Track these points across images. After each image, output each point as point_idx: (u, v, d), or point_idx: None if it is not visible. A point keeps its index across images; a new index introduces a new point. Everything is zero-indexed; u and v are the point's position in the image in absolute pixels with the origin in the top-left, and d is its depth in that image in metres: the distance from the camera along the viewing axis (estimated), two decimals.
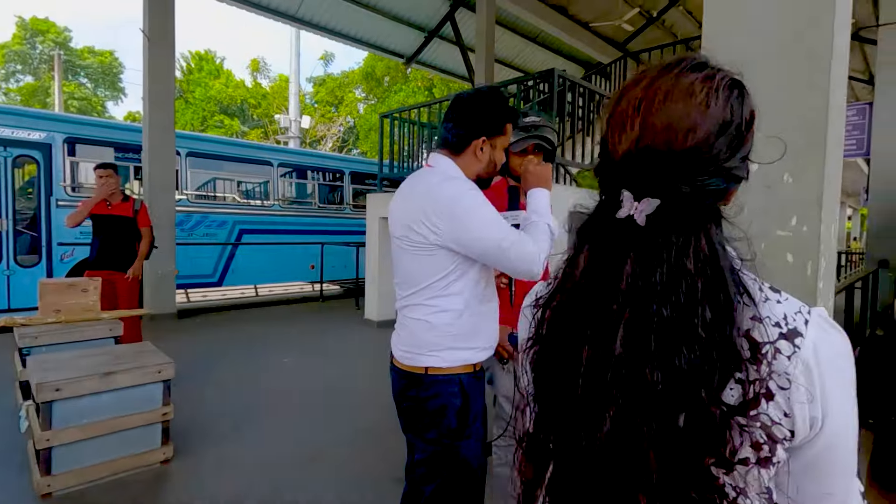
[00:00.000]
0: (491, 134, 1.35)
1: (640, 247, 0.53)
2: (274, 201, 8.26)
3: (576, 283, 0.57)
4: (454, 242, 1.23)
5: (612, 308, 0.52)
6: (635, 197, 0.54)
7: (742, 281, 0.52)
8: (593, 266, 0.56)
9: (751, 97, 0.55)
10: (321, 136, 25.53)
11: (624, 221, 0.54)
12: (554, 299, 0.59)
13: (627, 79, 0.61)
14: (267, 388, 3.82)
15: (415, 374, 1.31)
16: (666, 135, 0.53)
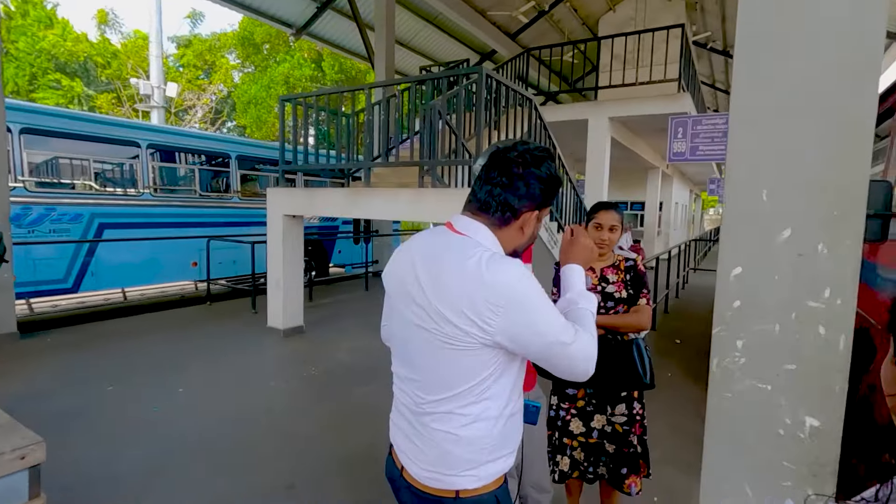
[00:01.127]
0: (542, 206, 1.11)
1: None
2: (144, 189, 7.02)
3: None
4: (508, 339, 0.99)
5: None
6: None
7: None
8: None
9: None
10: (190, 106, 22.59)
11: None
12: None
13: None
14: (164, 432, 3.19)
15: (443, 500, 1.06)
16: None
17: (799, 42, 1.22)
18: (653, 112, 7.40)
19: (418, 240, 1.14)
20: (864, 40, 1.16)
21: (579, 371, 1.03)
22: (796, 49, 1.22)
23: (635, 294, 2.08)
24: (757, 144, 1.28)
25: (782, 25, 1.24)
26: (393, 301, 1.16)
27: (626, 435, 2.09)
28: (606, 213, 2.12)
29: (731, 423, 1.34)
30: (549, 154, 1.11)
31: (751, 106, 1.29)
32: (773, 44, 1.25)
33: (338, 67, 21.50)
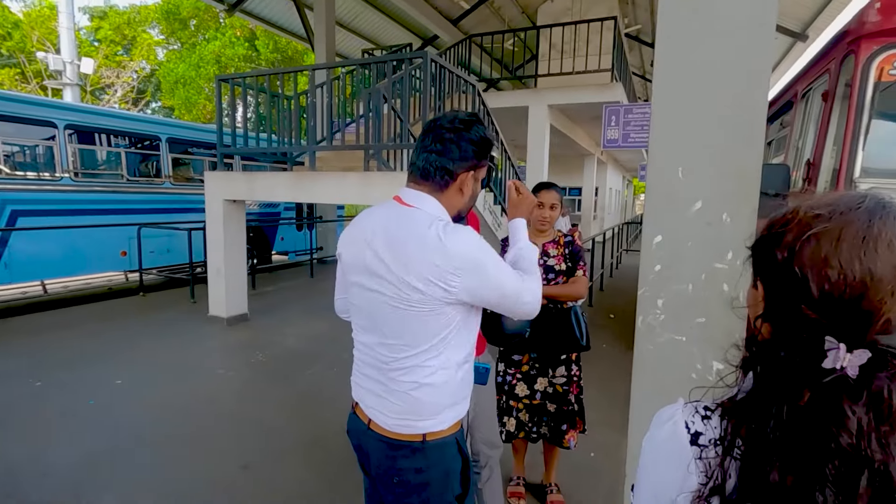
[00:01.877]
0: (477, 166, 1.22)
1: (855, 403, 0.52)
2: (63, 174, 6.49)
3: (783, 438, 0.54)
4: (469, 296, 1.12)
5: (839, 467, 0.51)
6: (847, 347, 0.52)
7: None
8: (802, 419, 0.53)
9: None
10: (108, 84, 20.84)
11: (829, 371, 0.53)
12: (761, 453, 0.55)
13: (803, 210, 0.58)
14: (102, 425, 3.08)
15: (410, 444, 1.16)
16: (879, 284, 0.51)
17: (707, 38, 1.41)
18: (588, 100, 7.76)
19: (371, 215, 1.23)
20: (757, 40, 1.36)
21: (530, 310, 1.20)
22: (705, 44, 1.41)
23: (573, 266, 2.28)
24: (674, 128, 1.46)
25: (694, 22, 1.42)
26: (350, 275, 1.24)
27: (565, 394, 2.30)
28: (547, 192, 2.29)
29: (654, 371, 1.54)
30: (477, 118, 1.23)
31: (668, 93, 1.47)
32: (686, 39, 1.43)
33: (272, 47, 20.60)
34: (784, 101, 4.02)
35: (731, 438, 0.58)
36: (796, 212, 0.59)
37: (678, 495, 0.61)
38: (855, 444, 0.50)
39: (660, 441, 0.65)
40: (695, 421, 0.62)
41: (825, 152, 2.70)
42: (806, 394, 0.54)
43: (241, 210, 5.49)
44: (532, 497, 2.47)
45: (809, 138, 3.03)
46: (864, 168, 2.43)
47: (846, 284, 0.52)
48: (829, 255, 0.53)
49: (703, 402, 0.65)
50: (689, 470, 0.60)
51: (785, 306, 0.57)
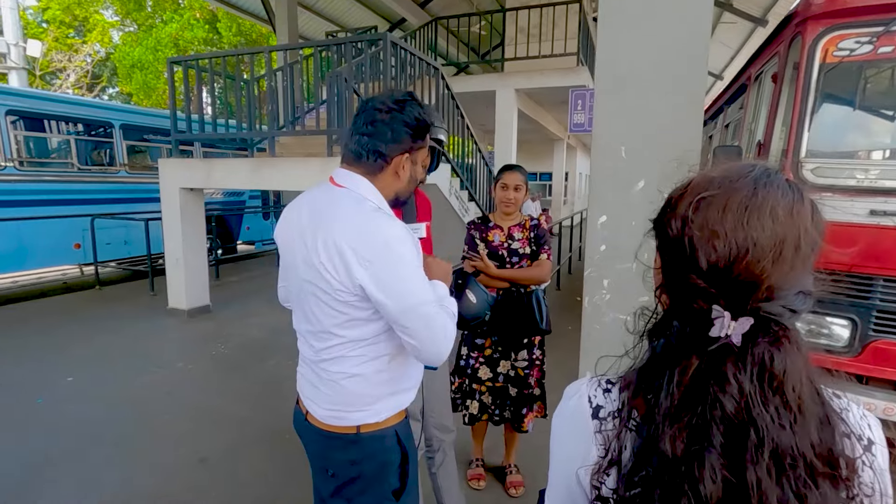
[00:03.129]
0: (413, 149, 1.17)
1: (738, 369, 0.51)
2: (6, 163, 6.14)
3: (673, 406, 0.53)
4: (370, 294, 1.02)
5: (725, 433, 0.51)
6: (732, 315, 0.52)
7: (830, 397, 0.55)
8: (691, 388, 0.53)
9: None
10: (60, 69, 19.77)
11: (715, 339, 0.52)
12: (649, 423, 0.55)
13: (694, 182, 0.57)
14: (51, 423, 2.95)
15: (345, 436, 1.13)
16: (761, 252, 0.51)
17: (647, 20, 1.40)
18: (555, 84, 7.77)
19: (305, 196, 1.17)
20: (695, 23, 1.36)
21: (433, 347, 1.05)
22: (645, 26, 1.40)
23: (537, 250, 2.27)
24: (616, 108, 1.46)
25: (635, 4, 1.41)
26: (286, 260, 1.19)
27: (526, 378, 2.31)
28: (511, 174, 2.27)
29: (600, 351, 1.56)
30: (413, 98, 1.16)
31: (610, 74, 1.46)
32: (627, 21, 1.42)
33: (235, 30, 19.86)
34: (740, 83, 4.09)
35: (627, 410, 0.58)
36: (692, 180, 0.59)
37: (580, 469, 0.60)
38: (738, 410, 0.50)
39: (566, 415, 0.65)
40: (597, 394, 0.63)
41: (774, 133, 2.76)
42: (694, 362, 0.53)
43: (199, 198, 5.30)
44: (492, 478, 2.49)
45: (761, 120, 3.10)
46: (809, 149, 2.49)
47: (730, 253, 0.52)
48: (716, 224, 0.53)
49: (608, 375, 0.65)
50: (590, 444, 0.60)
51: (678, 276, 0.57)
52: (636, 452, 0.56)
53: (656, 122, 1.41)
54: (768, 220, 0.52)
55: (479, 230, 2.32)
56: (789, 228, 0.52)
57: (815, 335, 2.51)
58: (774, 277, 0.51)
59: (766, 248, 0.51)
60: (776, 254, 0.51)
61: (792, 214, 0.52)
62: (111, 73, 22.19)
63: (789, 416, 0.50)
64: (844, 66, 2.43)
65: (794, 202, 0.53)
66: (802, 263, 0.53)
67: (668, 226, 0.58)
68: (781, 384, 0.51)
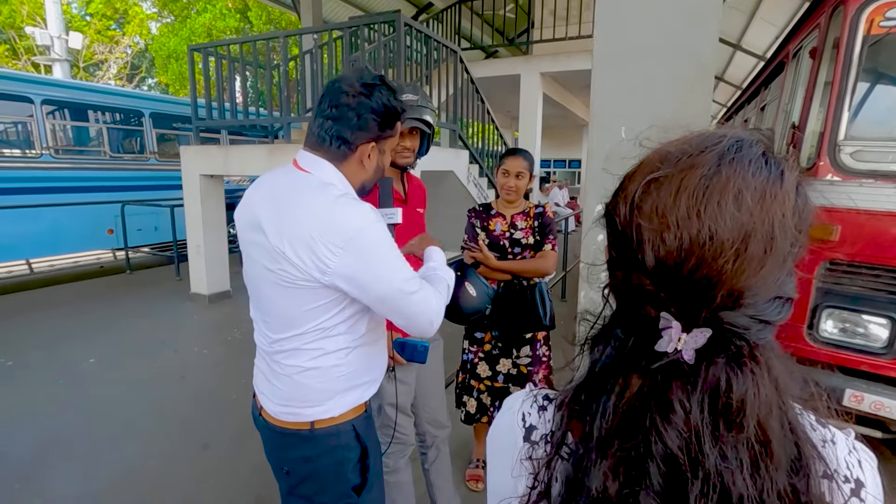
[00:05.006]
0: (381, 137, 1.08)
1: (686, 394, 0.41)
2: (42, 150, 6.37)
3: (607, 435, 0.43)
4: (346, 281, 0.97)
5: (666, 473, 0.40)
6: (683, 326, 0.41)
7: (805, 429, 0.43)
8: (629, 414, 0.43)
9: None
10: (101, 61, 20.48)
11: (662, 355, 0.42)
12: (582, 453, 0.45)
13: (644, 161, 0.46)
14: (66, 404, 3.04)
15: (298, 433, 1.07)
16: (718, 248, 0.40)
17: None
18: (582, 67, 7.47)
19: (264, 179, 1.10)
20: None
21: (421, 323, 1.04)
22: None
23: (541, 240, 2.14)
24: (617, 83, 1.32)
25: None
26: (242, 245, 1.13)
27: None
28: (513, 160, 2.13)
29: None
30: (382, 82, 1.07)
31: (610, 49, 1.32)
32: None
33: (266, 18, 20.08)
34: (778, 61, 3.80)
35: (560, 433, 0.48)
36: (648, 155, 0.47)
37: (511, 499, 0.50)
38: (684, 446, 0.40)
39: (498, 433, 0.55)
40: (531, 412, 0.52)
41: (811, 114, 2.52)
42: (636, 381, 0.43)
43: (219, 185, 5.36)
44: None
45: (797, 100, 2.85)
46: (849, 130, 2.26)
47: (681, 248, 0.40)
48: (667, 209, 0.41)
49: (547, 390, 0.55)
50: (519, 471, 0.50)
51: (623, 274, 0.45)
52: (566, 487, 0.46)
53: (660, 98, 1.27)
54: (731, 207, 0.40)
55: (479, 218, 2.21)
56: (759, 217, 0.40)
57: (850, 334, 2.30)
58: (737, 280, 0.40)
59: (725, 243, 0.39)
60: (740, 250, 0.39)
61: (764, 199, 0.40)
62: (150, 64, 22.86)
63: (748, 457, 0.39)
64: (891, 38, 2.18)
65: (768, 183, 0.41)
66: (778, 263, 0.41)
67: (615, 212, 0.47)
68: (741, 415, 0.40)
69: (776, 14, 10.22)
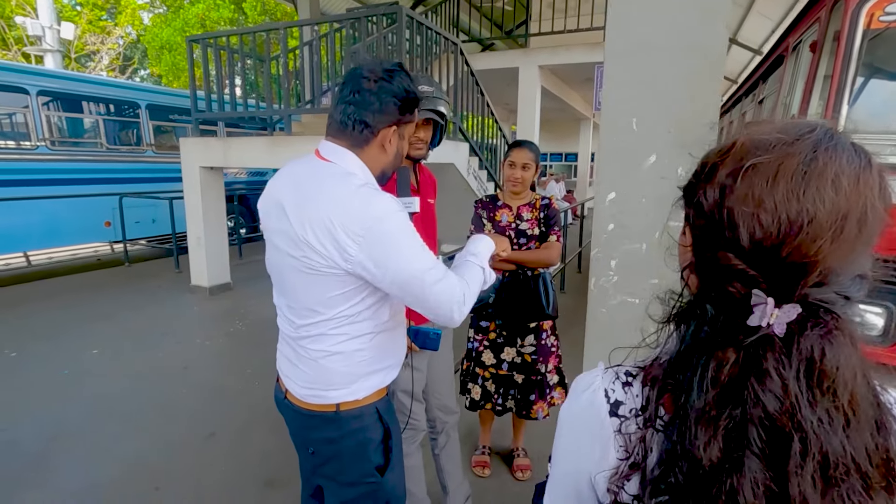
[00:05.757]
0: (401, 122, 1.11)
1: (781, 364, 0.44)
2: (38, 142, 6.32)
3: (707, 406, 0.46)
4: (367, 269, 0.99)
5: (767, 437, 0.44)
6: (775, 301, 0.45)
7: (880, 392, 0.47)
8: (728, 384, 0.46)
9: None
10: (93, 51, 20.23)
11: (754, 329, 0.45)
12: (680, 424, 0.48)
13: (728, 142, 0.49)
14: (72, 395, 3.06)
15: (323, 415, 1.10)
16: (818, 229, 0.43)
17: None
18: (580, 60, 7.48)
19: (287, 169, 1.13)
20: None
21: (444, 312, 1.03)
22: None
23: (547, 231, 2.18)
24: (627, 77, 1.35)
25: None
26: (266, 233, 1.15)
27: (533, 364, 2.23)
28: (519, 151, 2.16)
29: (606, 335, 1.48)
30: (402, 69, 1.10)
31: (623, 41, 1.34)
32: None
33: (261, 9, 19.88)
34: (777, 55, 3.83)
35: (653, 408, 0.51)
36: (735, 141, 0.50)
37: (597, 473, 0.53)
38: (782, 411, 0.43)
39: (577, 412, 0.57)
40: (615, 388, 0.54)
41: (811, 108, 2.56)
42: (731, 355, 0.46)
43: (218, 177, 5.35)
44: (500, 462, 2.46)
45: (797, 94, 2.89)
46: (848, 123, 2.31)
47: (780, 229, 0.44)
48: (763, 193, 0.44)
49: (626, 366, 0.57)
50: (607, 445, 0.53)
51: (712, 255, 0.48)
52: (664, 457, 0.49)
53: (670, 92, 1.30)
54: (829, 191, 0.43)
55: (486, 209, 2.24)
56: (854, 201, 0.43)
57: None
58: (831, 259, 0.43)
59: (824, 225, 0.43)
60: (836, 231, 0.43)
61: (858, 183, 0.44)
62: (142, 56, 22.60)
63: (841, 420, 0.43)
64: (891, 33, 2.22)
65: (860, 170, 0.44)
66: (865, 243, 0.45)
67: (701, 196, 0.50)
68: (833, 383, 0.44)
69: (773, 8, 10.26)
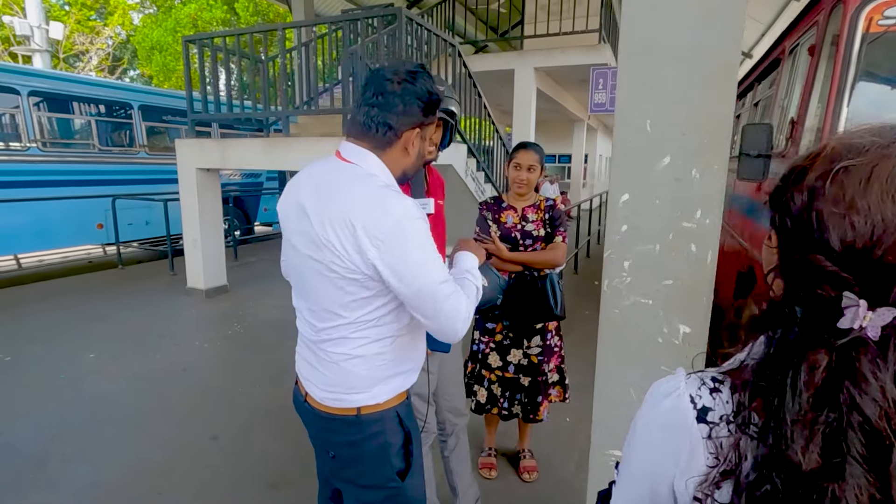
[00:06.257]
0: (424, 124, 1.10)
1: (878, 367, 0.44)
2: (30, 143, 6.23)
3: (803, 410, 0.46)
4: (381, 274, 0.99)
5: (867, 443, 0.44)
6: (869, 304, 0.44)
7: None
8: (822, 388, 0.45)
9: None
10: (82, 51, 19.99)
11: (846, 331, 0.45)
12: (775, 429, 0.48)
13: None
14: (70, 398, 3.01)
15: (344, 418, 1.09)
16: None
17: None
18: (575, 63, 7.53)
19: (307, 170, 1.12)
20: None
21: (449, 327, 1.03)
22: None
23: (552, 232, 2.19)
24: (641, 78, 1.36)
25: None
26: (286, 234, 1.15)
27: (539, 365, 2.24)
28: (525, 153, 2.16)
29: (619, 335, 1.48)
30: (424, 70, 1.10)
31: (636, 42, 1.35)
32: None
33: (253, 9, 19.77)
34: (773, 59, 3.88)
35: (746, 414, 0.50)
36: (826, 145, 0.50)
37: (686, 479, 0.52)
38: (882, 415, 0.43)
39: (658, 418, 0.56)
40: (701, 394, 0.54)
41: (809, 110, 2.60)
42: (824, 357, 0.46)
43: (215, 179, 5.31)
44: (506, 464, 2.46)
45: (795, 97, 2.92)
46: (848, 126, 2.34)
47: (873, 232, 0.44)
48: (856, 195, 0.45)
49: (709, 371, 0.56)
50: (695, 451, 0.52)
51: (800, 257, 0.49)
52: (759, 463, 0.48)
53: (685, 93, 1.31)
54: None
55: (491, 211, 2.24)
56: None
57: None
58: None
59: None
60: None
61: None
62: (132, 56, 22.38)
63: None
64: (889, 37, 2.26)
65: None
66: None
67: (790, 199, 0.50)
68: None
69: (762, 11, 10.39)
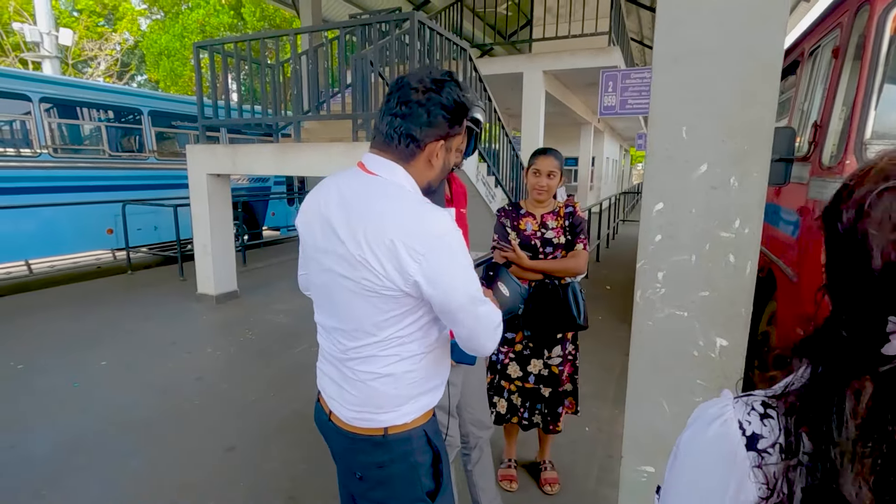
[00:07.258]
0: (449, 135, 1.06)
1: None
2: (41, 149, 6.26)
3: (851, 441, 0.43)
4: (421, 289, 0.96)
5: None
6: None
7: None
8: (870, 417, 0.42)
9: None
10: (91, 57, 20.16)
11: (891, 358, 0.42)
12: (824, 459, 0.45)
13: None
14: (84, 408, 2.99)
15: (371, 438, 1.06)
16: None
17: None
18: (585, 65, 7.49)
19: (329, 183, 1.08)
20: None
21: (481, 340, 1.04)
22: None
23: (573, 239, 2.14)
24: (677, 84, 1.32)
25: None
26: (307, 249, 1.11)
27: (560, 375, 2.20)
28: (545, 159, 2.12)
29: (652, 348, 1.44)
30: (452, 78, 1.05)
31: (672, 47, 1.31)
32: None
33: (260, 14, 19.88)
34: (789, 61, 3.83)
35: (794, 439, 0.48)
36: (875, 164, 0.47)
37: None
38: None
39: (704, 444, 0.53)
40: (751, 420, 0.51)
41: (833, 113, 2.55)
42: (869, 385, 0.43)
43: (225, 184, 5.31)
44: (526, 475, 2.42)
45: (817, 99, 2.87)
46: (875, 129, 2.28)
47: None
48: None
49: (757, 395, 0.53)
50: (744, 480, 0.49)
51: (845, 277, 0.46)
52: (808, 495, 0.46)
53: (723, 98, 1.27)
54: None
55: (509, 218, 2.20)
56: None
57: None
58: None
59: None
60: None
61: None
62: (139, 61, 22.55)
63: None
64: None
65: None
66: None
67: (838, 216, 0.48)
68: None
69: None
